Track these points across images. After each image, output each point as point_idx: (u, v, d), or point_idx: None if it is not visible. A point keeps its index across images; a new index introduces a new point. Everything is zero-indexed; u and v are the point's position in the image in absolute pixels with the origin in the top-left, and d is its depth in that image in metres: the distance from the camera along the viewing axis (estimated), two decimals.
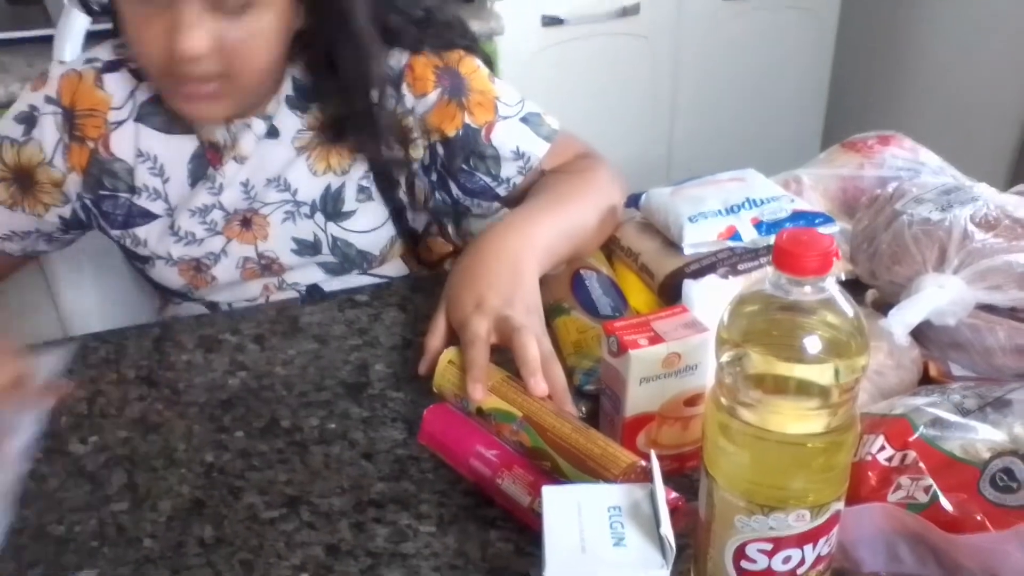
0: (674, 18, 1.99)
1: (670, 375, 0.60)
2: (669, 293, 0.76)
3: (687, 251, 0.78)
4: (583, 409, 0.69)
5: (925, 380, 0.69)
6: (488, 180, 0.92)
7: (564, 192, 0.86)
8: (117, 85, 0.85)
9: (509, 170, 0.91)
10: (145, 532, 0.61)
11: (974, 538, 0.51)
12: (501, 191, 0.93)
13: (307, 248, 0.90)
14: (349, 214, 0.90)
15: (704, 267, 0.76)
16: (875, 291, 0.76)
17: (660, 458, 0.52)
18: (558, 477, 0.58)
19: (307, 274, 0.92)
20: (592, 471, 0.56)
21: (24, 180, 0.86)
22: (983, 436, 0.56)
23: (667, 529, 0.45)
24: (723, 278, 0.74)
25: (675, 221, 0.78)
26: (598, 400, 0.65)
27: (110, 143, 0.85)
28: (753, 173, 0.84)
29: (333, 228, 0.90)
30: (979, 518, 0.52)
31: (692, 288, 0.71)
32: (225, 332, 0.83)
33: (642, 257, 0.82)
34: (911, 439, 0.56)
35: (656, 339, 0.59)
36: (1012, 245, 0.67)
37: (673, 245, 0.79)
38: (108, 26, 0.91)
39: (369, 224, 0.91)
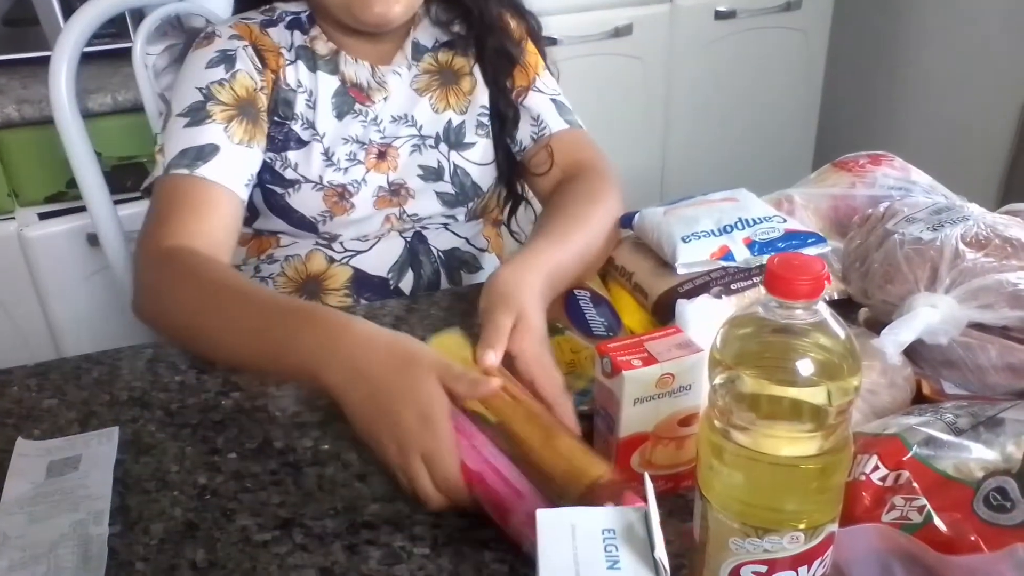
0: (666, 38, 2.01)
1: (664, 395, 0.60)
2: (663, 312, 0.76)
3: (680, 271, 0.78)
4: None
5: (918, 398, 0.69)
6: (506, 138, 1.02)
7: (570, 216, 0.88)
8: (279, 34, 0.95)
9: (524, 132, 1.02)
10: (137, 555, 0.61)
11: (968, 559, 0.50)
12: (515, 152, 1.03)
13: (431, 174, 0.99)
14: (469, 145, 1.01)
15: (697, 287, 0.76)
16: (867, 310, 0.77)
17: (654, 478, 0.51)
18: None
19: (426, 204, 1.00)
20: (556, 491, 0.56)
21: (250, 111, 0.89)
22: (976, 455, 0.56)
23: (661, 552, 0.45)
24: (716, 298, 0.74)
25: (668, 241, 0.79)
26: (592, 420, 0.65)
27: (286, 75, 0.93)
28: (745, 193, 0.85)
29: (455, 156, 1.00)
30: (973, 538, 0.52)
31: (686, 308, 0.71)
32: None
33: (636, 276, 0.82)
34: (905, 458, 0.56)
35: (650, 360, 0.59)
36: (1003, 264, 0.68)
37: (666, 265, 0.79)
38: (105, 47, 0.93)
39: (483, 157, 1.02)
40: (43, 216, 1.51)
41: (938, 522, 0.53)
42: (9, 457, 0.69)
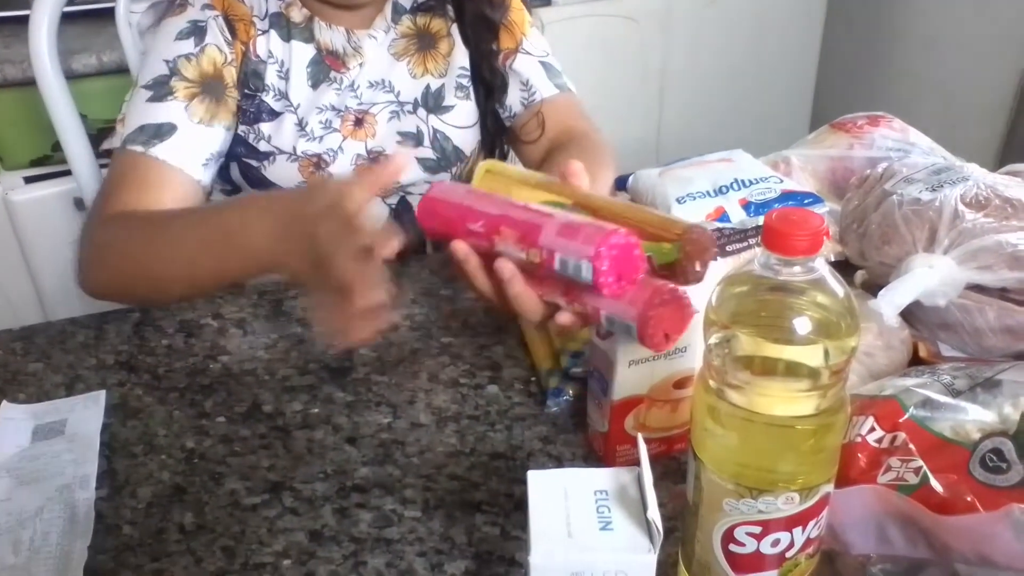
0: None
1: (659, 357, 0.59)
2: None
3: None
4: (571, 393, 0.69)
5: (915, 361, 0.68)
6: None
7: (597, 161, 0.86)
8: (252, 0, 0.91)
9: (513, 97, 0.99)
10: (124, 519, 0.60)
11: (964, 519, 0.50)
12: (504, 119, 1.00)
13: (410, 139, 0.97)
14: (449, 108, 0.98)
15: None
16: (864, 272, 0.76)
17: (648, 441, 0.51)
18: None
19: (407, 171, 0.97)
20: (653, 236, 0.54)
21: (215, 88, 0.87)
22: (973, 417, 0.55)
23: (654, 513, 0.44)
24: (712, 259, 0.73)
25: (663, 202, 0.78)
26: (586, 383, 0.65)
27: (256, 46, 0.90)
28: (741, 154, 0.84)
29: (434, 121, 0.98)
30: (969, 499, 0.51)
31: None
32: (206, 316, 0.82)
33: None
34: (901, 420, 0.56)
35: None
36: (1002, 225, 0.67)
37: None
38: (85, 7, 0.90)
39: (465, 120, 0.99)
40: (29, 180, 1.48)
41: (934, 483, 0.53)
42: None
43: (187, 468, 0.64)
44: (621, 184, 0.86)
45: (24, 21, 1.09)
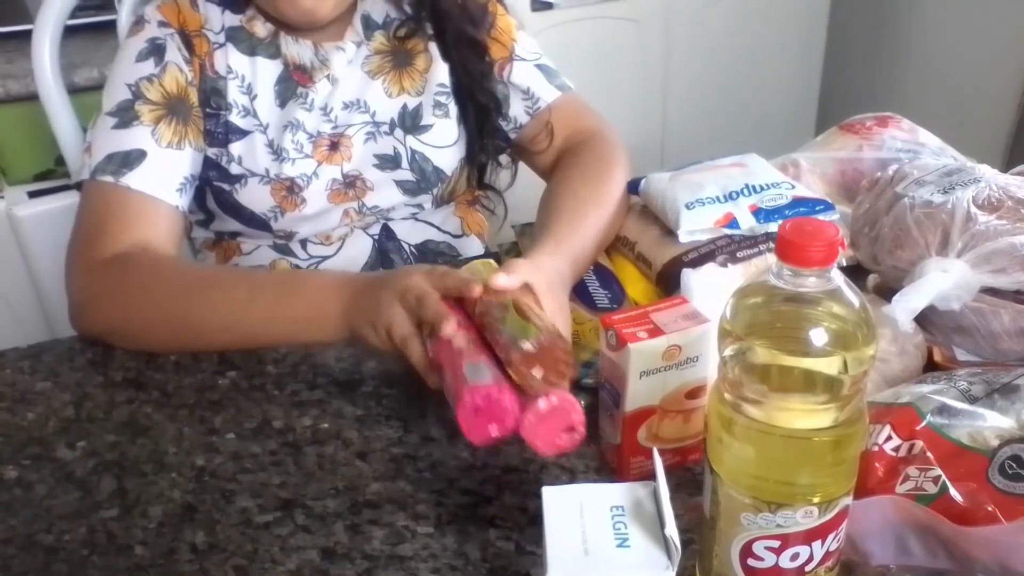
0: (664, 0, 1.97)
1: (671, 368, 0.58)
2: (667, 282, 0.75)
3: (683, 238, 0.76)
4: (582, 403, 0.68)
5: (929, 366, 0.68)
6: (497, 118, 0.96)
7: (585, 198, 0.85)
8: (208, 9, 0.88)
9: (517, 109, 0.96)
10: (136, 539, 0.60)
11: (987, 530, 0.49)
12: (510, 132, 0.98)
13: (388, 162, 0.94)
14: (427, 127, 0.94)
15: (702, 255, 0.74)
16: (876, 276, 0.75)
17: (661, 452, 0.50)
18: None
19: (386, 195, 0.95)
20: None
21: (181, 109, 0.85)
22: (991, 423, 0.55)
23: (672, 530, 0.44)
24: (722, 266, 0.73)
25: (672, 207, 0.77)
26: (597, 393, 0.64)
27: (214, 61, 0.87)
28: (755, 158, 0.83)
29: (412, 142, 0.94)
30: (990, 508, 0.51)
31: (691, 277, 0.69)
32: None
33: (639, 246, 0.80)
34: (918, 428, 0.55)
35: (656, 331, 0.57)
36: (1016, 227, 0.66)
37: (670, 234, 0.77)
38: (87, 20, 0.89)
39: (444, 140, 0.95)
40: (33, 194, 1.48)
41: (954, 492, 0.52)
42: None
43: (198, 486, 0.64)
44: (633, 188, 0.85)
45: (27, 36, 1.09)
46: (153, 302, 0.76)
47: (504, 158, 1.03)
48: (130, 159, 0.81)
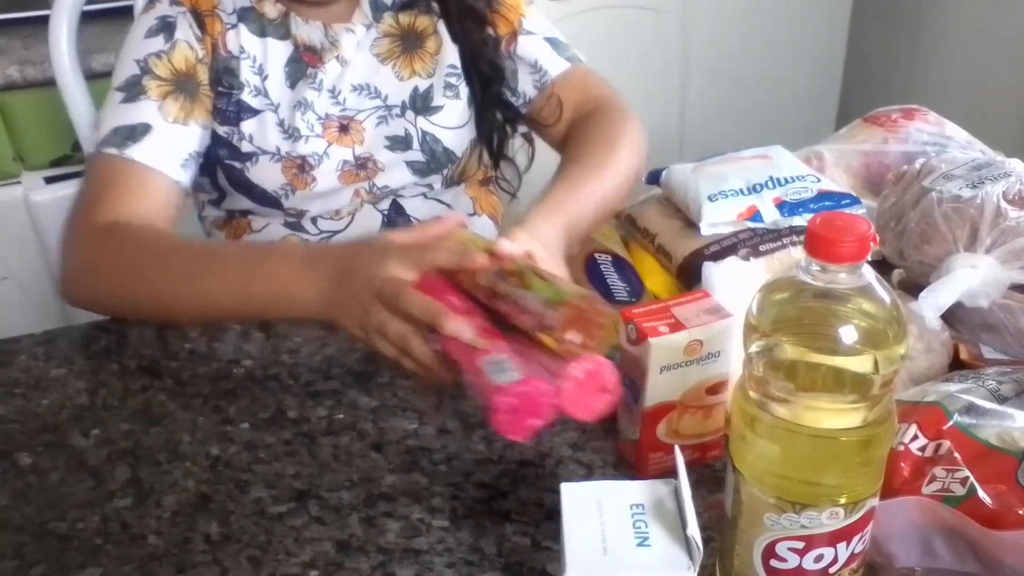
0: None
1: (692, 363, 0.57)
2: (688, 276, 0.74)
3: (705, 231, 0.75)
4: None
5: (956, 363, 0.66)
6: (506, 93, 0.95)
7: (587, 163, 0.83)
8: None
9: (525, 83, 0.95)
10: (150, 529, 0.59)
11: (1016, 535, 0.48)
12: (521, 107, 0.96)
13: (399, 143, 0.93)
14: (437, 109, 0.94)
15: (724, 249, 0.73)
16: (902, 271, 0.74)
17: (682, 448, 0.49)
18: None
19: (396, 176, 0.94)
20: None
21: (189, 86, 0.85)
22: (1020, 424, 0.54)
23: (694, 530, 0.43)
24: (744, 260, 0.71)
25: (694, 199, 0.76)
26: None
27: (227, 40, 0.87)
28: (779, 150, 0.81)
29: (423, 123, 0.94)
30: (1021, 512, 0.49)
31: (713, 271, 0.68)
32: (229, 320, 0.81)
33: (659, 238, 0.79)
34: (945, 427, 0.54)
35: (677, 326, 0.56)
36: None
37: (691, 226, 0.76)
38: (104, 6, 0.89)
39: (455, 121, 0.95)
40: (49, 180, 1.48)
41: (982, 494, 0.51)
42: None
43: (212, 476, 0.63)
44: (654, 179, 0.84)
45: (44, 21, 1.09)
46: (136, 276, 0.75)
47: (518, 136, 1.02)
48: (135, 132, 0.82)
